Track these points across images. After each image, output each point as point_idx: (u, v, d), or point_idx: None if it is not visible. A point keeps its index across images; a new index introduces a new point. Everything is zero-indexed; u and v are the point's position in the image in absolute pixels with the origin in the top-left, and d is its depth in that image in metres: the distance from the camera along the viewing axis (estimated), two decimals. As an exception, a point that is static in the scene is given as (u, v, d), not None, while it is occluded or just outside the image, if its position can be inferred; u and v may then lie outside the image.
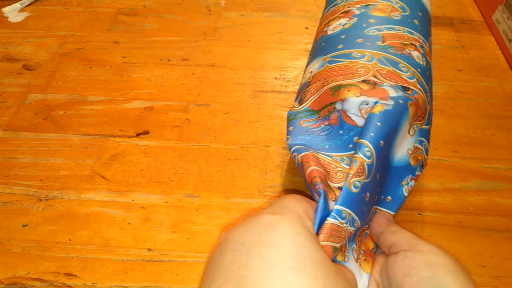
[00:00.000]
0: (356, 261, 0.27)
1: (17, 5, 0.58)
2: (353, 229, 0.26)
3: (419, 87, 0.30)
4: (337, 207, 0.25)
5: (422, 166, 0.32)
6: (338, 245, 0.24)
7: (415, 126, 0.30)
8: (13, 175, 0.40)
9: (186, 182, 0.39)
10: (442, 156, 0.41)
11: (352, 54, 0.32)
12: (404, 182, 0.30)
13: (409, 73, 0.30)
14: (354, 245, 0.28)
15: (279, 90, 0.47)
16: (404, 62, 0.31)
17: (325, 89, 0.31)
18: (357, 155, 0.26)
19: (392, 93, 0.28)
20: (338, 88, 0.30)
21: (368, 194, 0.27)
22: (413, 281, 0.23)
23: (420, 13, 0.36)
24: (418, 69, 0.31)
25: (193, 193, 0.38)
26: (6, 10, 0.58)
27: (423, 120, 0.30)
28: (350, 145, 0.28)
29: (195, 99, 0.47)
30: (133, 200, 0.38)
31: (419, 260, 0.23)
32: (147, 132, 0.43)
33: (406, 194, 0.30)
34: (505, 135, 0.43)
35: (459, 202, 0.38)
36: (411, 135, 0.30)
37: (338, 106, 0.29)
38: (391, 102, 0.28)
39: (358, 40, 0.33)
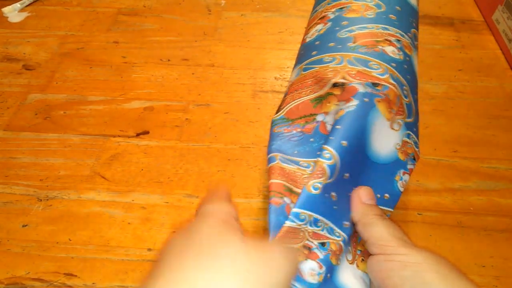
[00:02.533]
0: (352, 263, 0.27)
1: (17, 5, 0.58)
2: (317, 228, 0.27)
3: (392, 82, 0.30)
4: (295, 210, 0.26)
5: (414, 159, 0.32)
6: (295, 246, 0.25)
7: (399, 121, 0.30)
8: (13, 175, 0.40)
9: (186, 182, 0.39)
10: (442, 156, 0.41)
11: (324, 59, 0.32)
12: (397, 177, 0.30)
13: (380, 70, 0.31)
14: (349, 247, 0.28)
15: (279, 90, 0.47)
16: (375, 59, 0.31)
17: (304, 100, 0.31)
18: (317, 159, 0.27)
19: (361, 89, 0.29)
20: (320, 100, 0.31)
21: (334, 193, 0.27)
22: (395, 281, 0.23)
23: (398, 7, 0.36)
24: (393, 63, 0.32)
25: (193, 193, 0.38)
26: (6, 10, 0.58)
27: (403, 113, 0.31)
28: (318, 152, 0.29)
29: (195, 99, 0.47)
30: (133, 200, 0.38)
31: (394, 263, 0.24)
32: (147, 132, 0.43)
33: (401, 189, 0.31)
34: (505, 135, 0.43)
35: (459, 202, 0.38)
36: (396, 130, 0.30)
37: (320, 118, 0.30)
38: (355, 103, 0.28)
39: (330, 44, 0.33)
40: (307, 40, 0.37)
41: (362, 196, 0.28)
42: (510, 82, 0.48)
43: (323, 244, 0.27)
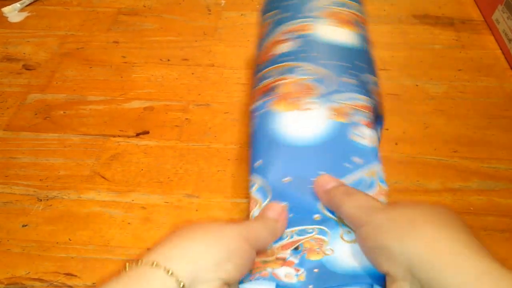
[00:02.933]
0: (354, 241, 0.27)
1: (17, 5, 0.58)
2: (283, 240, 0.28)
3: (289, 75, 0.33)
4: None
5: (365, 111, 0.33)
6: (267, 259, 0.27)
7: (311, 100, 0.32)
8: (13, 175, 0.40)
9: (186, 182, 0.39)
10: (442, 156, 0.41)
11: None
12: (352, 137, 0.30)
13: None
14: (340, 228, 0.28)
15: (279, 90, 0.47)
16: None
17: None
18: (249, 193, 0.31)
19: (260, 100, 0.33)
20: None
21: (284, 203, 0.29)
22: (366, 252, 0.24)
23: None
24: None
25: (193, 193, 0.38)
26: (6, 10, 0.58)
27: (312, 92, 0.32)
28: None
29: (195, 99, 0.47)
30: (133, 200, 0.38)
31: (364, 235, 0.24)
32: (147, 132, 0.43)
33: (366, 142, 0.31)
34: (505, 135, 0.43)
35: (459, 202, 0.38)
36: (314, 108, 0.31)
37: None
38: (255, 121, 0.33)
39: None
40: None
41: (322, 185, 0.28)
42: (510, 82, 0.48)
43: (296, 248, 0.27)
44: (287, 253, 0.27)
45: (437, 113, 0.45)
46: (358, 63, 0.34)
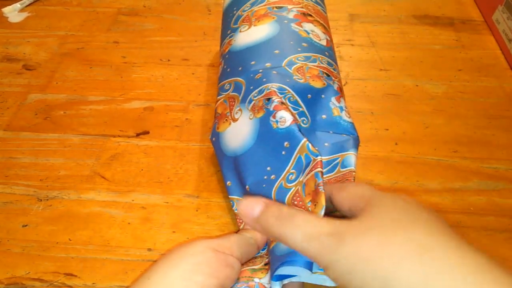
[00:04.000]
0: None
1: (17, 5, 0.58)
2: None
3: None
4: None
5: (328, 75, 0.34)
6: (256, 267, 0.28)
7: (239, 107, 0.34)
8: (13, 175, 0.40)
9: (186, 182, 0.39)
10: (442, 156, 0.41)
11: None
12: (274, 126, 0.31)
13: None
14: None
15: (279, 90, 0.47)
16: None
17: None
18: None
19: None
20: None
21: None
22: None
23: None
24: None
25: (193, 193, 0.38)
26: (6, 10, 0.58)
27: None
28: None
29: (195, 99, 0.47)
30: (133, 200, 0.38)
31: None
32: (147, 132, 0.43)
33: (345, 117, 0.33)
34: (505, 135, 0.43)
35: (459, 202, 0.38)
36: (242, 114, 0.33)
37: None
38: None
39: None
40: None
41: (247, 214, 0.24)
42: (510, 82, 0.48)
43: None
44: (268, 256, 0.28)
45: (437, 113, 0.45)
46: (266, 53, 0.35)
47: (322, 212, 0.25)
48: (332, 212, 0.27)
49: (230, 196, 0.34)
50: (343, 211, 0.24)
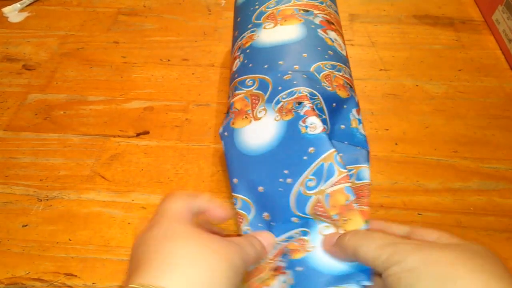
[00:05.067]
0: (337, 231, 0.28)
1: (17, 5, 0.58)
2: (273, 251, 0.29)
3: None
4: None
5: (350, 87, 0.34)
6: (263, 276, 0.27)
7: (263, 107, 0.33)
8: (13, 175, 0.40)
9: (186, 182, 0.39)
10: (442, 156, 0.41)
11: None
12: (303, 130, 0.31)
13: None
14: (318, 226, 0.28)
15: (279, 90, 0.47)
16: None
17: None
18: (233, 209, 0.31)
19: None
20: None
21: (265, 213, 0.30)
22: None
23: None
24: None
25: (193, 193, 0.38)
26: (6, 10, 0.58)
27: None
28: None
29: (195, 99, 0.47)
30: (133, 200, 0.38)
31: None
32: (147, 132, 0.43)
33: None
34: (505, 135, 0.43)
35: (459, 202, 0.38)
36: (267, 114, 0.33)
37: None
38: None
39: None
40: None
41: (328, 243, 0.27)
42: (510, 82, 0.48)
43: (284, 253, 0.28)
44: (277, 260, 0.28)
45: (437, 113, 0.45)
46: (295, 55, 0.35)
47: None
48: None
49: (234, 194, 0.33)
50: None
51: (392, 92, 0.47)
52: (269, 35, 0.37)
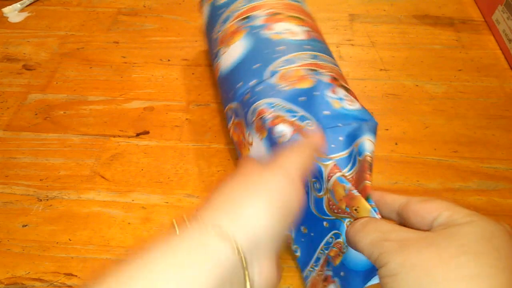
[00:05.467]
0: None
1: (17, 5, 0.58)
2: (318, 262, 0.29)
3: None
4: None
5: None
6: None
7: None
8: (13, 175, 0.40)
9: (186, 182, 0.39)
10: (442, 156, 0.41)
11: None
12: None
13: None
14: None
15: (279, 90, 0.47)
16: None
17: None
18: None
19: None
20: None
21: (302, 227, 0.31)
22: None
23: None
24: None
25: (193, 193, 0.38)
26: (6, 10, 0.58)
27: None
28: None
29: (195, 99, 0.47)
30: (133, 200, 0.38)
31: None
32: (147, 132, 0.43)
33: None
34: (505, 135, 0.43)
35: (459, 202, 0.38)
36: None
37: None
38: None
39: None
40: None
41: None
42: (510, 82, 0.48)
43: (328, 263, 0.28)
44: (324, 270, 0.28)
45: (437, 113, 0.45)
46: (248, 71, 0.34)
47: (377, 215, 0.24)
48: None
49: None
50: (416, 222, 0.23)
51: (392, 92, 0.47)
52: (226, 59, 0.36)
